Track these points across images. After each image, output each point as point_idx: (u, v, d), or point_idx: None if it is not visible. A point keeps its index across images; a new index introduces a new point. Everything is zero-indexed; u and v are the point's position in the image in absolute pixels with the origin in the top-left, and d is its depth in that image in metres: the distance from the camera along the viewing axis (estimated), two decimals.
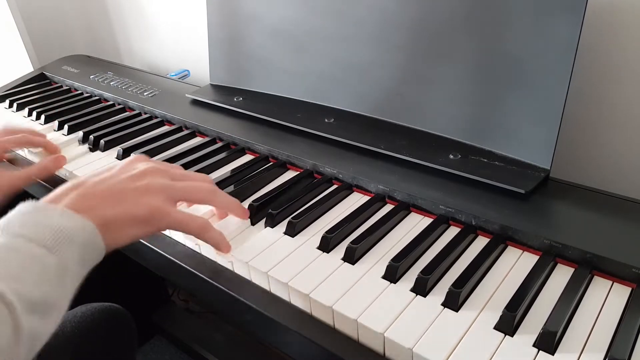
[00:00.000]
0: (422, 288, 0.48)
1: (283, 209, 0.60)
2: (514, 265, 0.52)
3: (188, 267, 0.57)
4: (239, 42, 0.88)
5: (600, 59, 0.67)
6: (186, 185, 0.53)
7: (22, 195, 0.60)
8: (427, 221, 0.59)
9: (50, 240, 0.39)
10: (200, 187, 0.54)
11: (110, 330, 0.74)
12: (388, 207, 0.62)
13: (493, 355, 0.42)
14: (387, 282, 0.50)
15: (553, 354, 0.42)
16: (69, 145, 0.84)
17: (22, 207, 0.41)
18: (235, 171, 0.71)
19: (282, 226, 0.59)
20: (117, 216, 0.45)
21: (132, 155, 0.54)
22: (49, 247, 0.39)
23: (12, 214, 0.41)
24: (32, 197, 0.77)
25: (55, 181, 0.76)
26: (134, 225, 0.46)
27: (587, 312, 0.46)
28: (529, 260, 0.52)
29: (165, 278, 0.68)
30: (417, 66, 0.70)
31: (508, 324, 0.44)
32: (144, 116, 0.92)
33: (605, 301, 0.47)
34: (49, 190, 0.50)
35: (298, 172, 0.70)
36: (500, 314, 0.45)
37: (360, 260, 0.53)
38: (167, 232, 0.62)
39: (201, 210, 0.62)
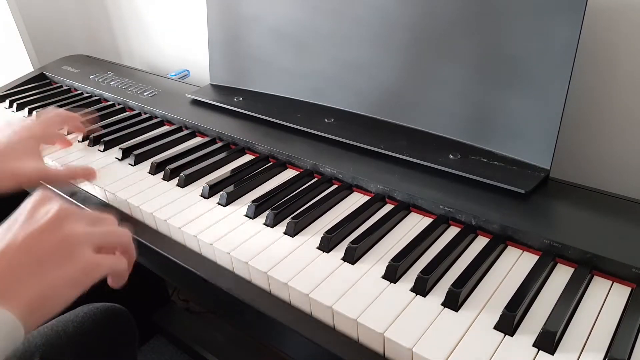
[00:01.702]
0: (422, 288, 0.48)
1: (283, 209, 0.60)
2: (514, 265, 0.52)
3: (188, 267, 0.57)
4: (239, 42, 0.88)
5: (600, 59, 0.67)
6: (108, 231, 0.46)
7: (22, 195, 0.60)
8: (427, 221, 0.59)
9: None
10: (121, 232, 0.48)
11: (112, 330, 0.74)
12: (388, 207, 0.62)
13: (493, 355, 0.42)
14: (387, 282, 0.50)
15: (553, 354, 0.42)
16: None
17: None
18: (235, 171, 0.71)
19: (282, 226, 0.59)
20: (44, 290, 0.38)
21: (34, 195, 0.45)
22: None
23: None
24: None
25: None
26: (66, 291, 0.40)
27: (587, 312, 0.46)
28: (529, 260, 0.52)
29: (165, 278, 0.68)
30: (417, 66, 0.70)
31: (508, 324, 0.44)
32: (144, 116, 0.92)
33: (605, 301, 0.47)
34: None
35: (298, 172, 0.70)
36: (500, 314, 0.45)
37: (360, 260, 0.53)
38: (168, 233, 0.62)
39: None
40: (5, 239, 0.40)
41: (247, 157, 0.76)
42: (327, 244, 0.55)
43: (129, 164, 0.76)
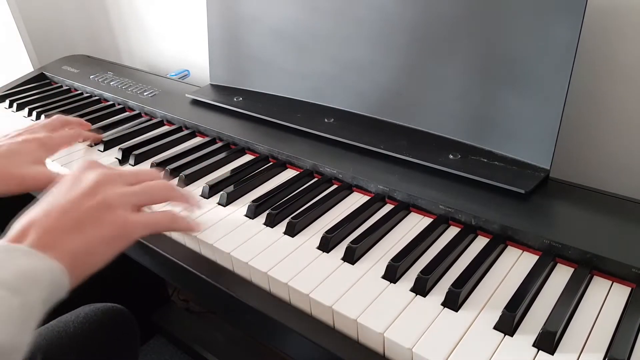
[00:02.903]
0: (421, 288, 0.48)
1: (283, 209, 0.60)
2: (514, 265, 0.52)
3: (188, 267, 0.57)
4: (239, 42, 0.88)
5: (600, 59, 0.67)
6: (144, 188, 0.50)
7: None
8: (427, 221, 0.59)
9: (15, 282, 0.37)
10: (158, 186, 0.52)
11: (113, 330, 0.74)
12: (388, 207, 0.62)
13: (493, 355, 0.42)
14: (386, 282, 0.50)
15: (553, 354, 0.42)
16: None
17: None
18: (235, 171, 0.71)
19: (282, 226, 0.59)
20: (85, 245, 0.43)
21: (78, 163, 0.50)
22: (13, 289, 0.37)
23: None
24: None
25: None
26: (104, 248, 0.44)
27: (587, 312, 0.46)
28: (529, 260, 0.52)
29: (165, 278, 0.68)
30: (417, 66, 0.70)
31: (508, 324, 0.44)
32: (144, 116, 0.92)
33: (605, 301, 0.47)
34: None
35: (298, 172, 0.70)
36: (500, 314, 0.45)
37: (360, 260, 0.53)
38: (167, 232, 0.62)
39: None
40: (50, 201, 0.45)
41: (247, 157, 0.76)
42: (327, 244, 0.55)
43: (129, 164, 0.76)
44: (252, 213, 0.61)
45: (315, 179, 0.68)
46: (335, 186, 0.66)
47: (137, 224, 0.47)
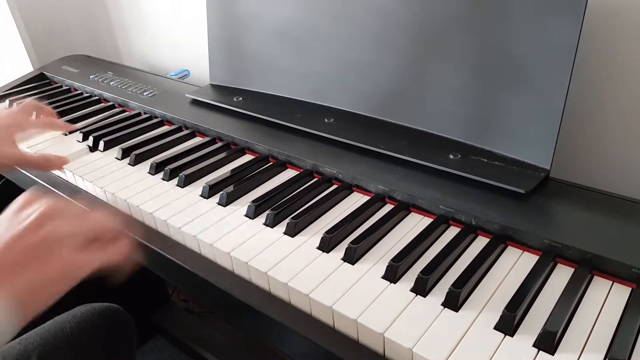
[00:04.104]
0: (422, 288, 0.48)
1: (283, 209, 0.60)
2: (514, 265, 0.52)
3: (188, 267, 0.57)
4: (238, 42, 0.88)
5: (600, 59, 0.67)
6: (89, 227, 0.47)
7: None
8: (427, 221, 0.59)
9: None
10: (103, 224, 0.48)
11: (109, 330, 0.74)
12: (388, 207, 0.62)
13: (493, 355, 0.42)
14: (387, 282, 0.50)
15: (553, 354, 0.42)
16: (68, 145, 0.84)
17: None
18: (235, 171, 0.71)
19: (282, 226, 0.59)
20: (28, 285, 0.40)
21: (23, 195, 0.47)
22: None
23: None
24: (17, 187, 0.78)
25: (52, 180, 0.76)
26: (50, 288, 0.41)
27: (587, 312, 0.46)
28: (529, 260, 0.52)
29: (165, 278, 0.68)
30: (417, 66, 0.70)
31: (508, 324, 0.44)
32: (144, 116, 0.92)
33: (605, 301, 0.47)
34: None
35: (298, 172, 0.70)
36: (500, 314, 0.45)
37: (360, 260, 0.53)
38: (167, 232, 0.62)
39: None
40: None
41: (247, 157, 0.76)
42: (327, 244, 0.55)
43: (129, 164, 0.76)
44: (252, 213, 0.61)
45: (315, 179, 0.68)
46: (335, 186, 0.66)
47: (83, 263, 0.44)
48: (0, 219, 0.45)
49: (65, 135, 0.87)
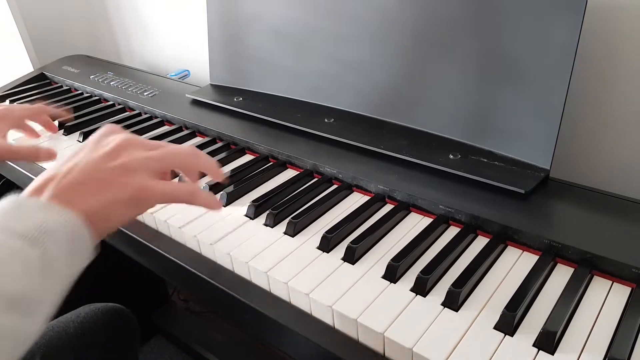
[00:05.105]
0: (422, 288, 0.48)
1: (283, 209, 0.60)
2: (514, 265, 0.52)
3: (188, 267, 0.57)
4: (238, 42, 0.88)
5: (600, 59, 0.67)
6: (165, 153, 0.49)
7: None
8: (427, 221, 0.59)
9: (32, 233, 0.37)
10: (182, 152, 0.50)
11: (113, 330, 0.74)
12: (388, 207, 0.62)
13: (493, 355, 0.42)
14: (387, 282, 0.50)
15: (553, 354, 0.42)
16: (68, 145, 0.84)
17: (4, 202, 0.39)
18: (235, 171, 0.71)
19: (282, 226, 0.59)
20: (102, 206, 0.42)
21: (100, 128, 0.50)
22: (30, 239, 0.36)
23: None
24: (17, 187, 0.78)
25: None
26: (121, 211, 0.44)
27: (587, 312, 0.46)
28: (529, 260, 0.52)
29: (165, 278, 0.68)
30: (417, 66, 0.70)
31: (508, 324, 0.44)
32: (144, 116, 0.92)
33: (605, 301, 0.47)
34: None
35: (298, 172, 0.70)
36: (500, 313, 0.45)
37: (360, 260, 0.53)
38: (168, 233, 0.62)
39: None
40: (72, 160, 0.45)
41: (247, 157, 0.76)
42: (327, 244, 0.55)
43: None
44: (252, 213, 0.61)
45: (315, 179, 0.68)
46: (335, 186, 0.66)
47: (156, 191, 0.46)
48: (82, 145, 0.48)
49: (65, 135, 0.87)
